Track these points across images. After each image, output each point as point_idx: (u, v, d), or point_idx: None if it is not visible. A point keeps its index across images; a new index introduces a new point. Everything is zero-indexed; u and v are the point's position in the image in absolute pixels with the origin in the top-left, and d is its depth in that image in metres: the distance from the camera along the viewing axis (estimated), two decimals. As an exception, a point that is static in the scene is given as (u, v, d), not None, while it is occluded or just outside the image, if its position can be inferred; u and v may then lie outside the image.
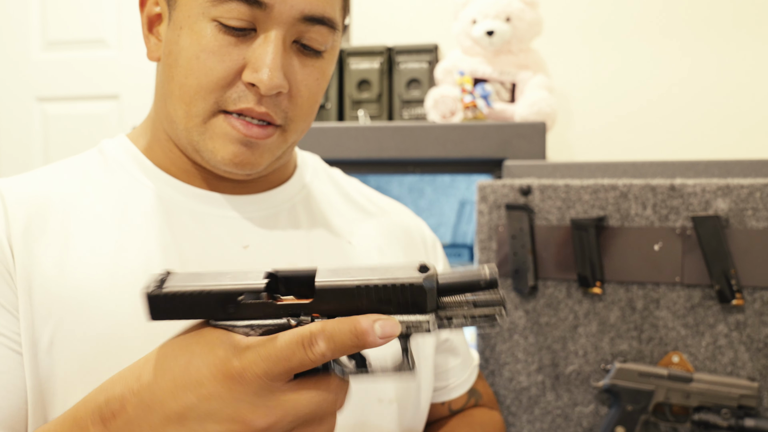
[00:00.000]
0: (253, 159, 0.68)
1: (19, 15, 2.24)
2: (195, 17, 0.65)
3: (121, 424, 0.49)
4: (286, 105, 0.68)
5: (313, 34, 0.67)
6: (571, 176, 1.23)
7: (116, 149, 0.75)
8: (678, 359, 1.12)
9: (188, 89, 0.66)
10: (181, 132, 0.69)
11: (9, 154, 2.27)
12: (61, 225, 0.67)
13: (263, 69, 0.64)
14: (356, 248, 0.78)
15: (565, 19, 1.85)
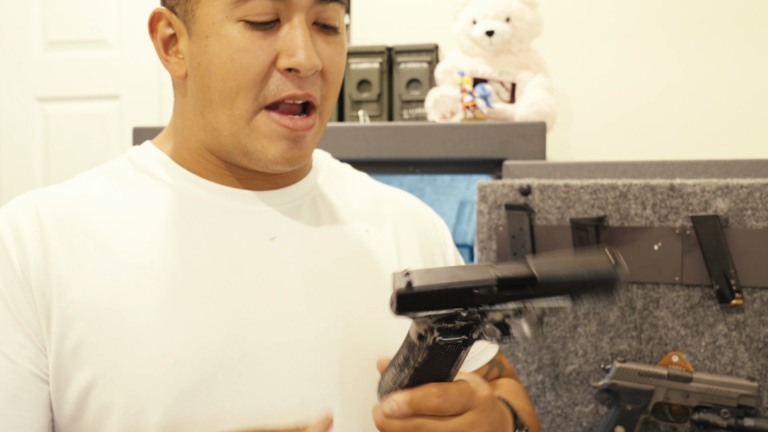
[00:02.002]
0: (300, 153, 0.72)
1: (19, 15, 2.25)
2: (220, 23, 0.68)
3: None
4: (321, 84, 0.72)
5: (329, 13, 0.71)
6: (571, 176, 1.23)
7: (145, 155, 0.78)
8: (677, 359, 1.12)
9: (229, 92, 0.69)
10: (227, 138, 0.72)
11: (9, 154, 2.27)
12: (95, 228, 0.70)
13: (299, 52, 0.68)
14: (373, 236, 0.81)
15: (565, 20, 1.85)
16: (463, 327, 0.62)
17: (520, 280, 0.61)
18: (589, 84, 1.85)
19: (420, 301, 0.61)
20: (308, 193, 0.80)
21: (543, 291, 0.61)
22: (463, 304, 0.61)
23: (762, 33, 1.75)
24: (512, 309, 0.61)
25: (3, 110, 2.27)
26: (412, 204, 0.91)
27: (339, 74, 0.74)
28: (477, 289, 0.61)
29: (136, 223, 0.71)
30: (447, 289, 0.61)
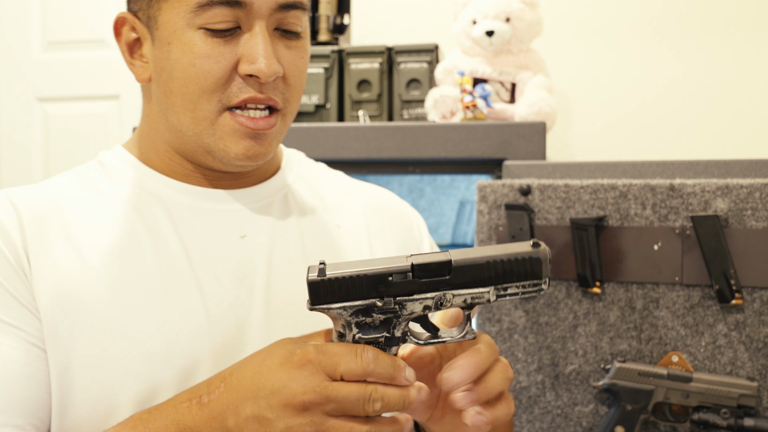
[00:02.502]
0: (262, 150, 0.74)
1: (19, 15, 2.25)
2: (181, 30, 0.71)
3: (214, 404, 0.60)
4: (282, 88, 0.74)
5: (290, 19, 0.73)
6: (571, 176, 1.23)
7: (115, 159, 0.80)
8: (677, 359, 1.13)
9: (191, 96, 0.72)
10: (191, 138, 0.74)
11: (9, 154, 2.27)
12: (71, 228, 0.72)
13: (259, 59, 0.70)
14: (345, 231, 0.83)
15: (565, 20, 1.85)
16: (382, 322, 0.61)
17: (436, 266, 0.60)
18: (588, 84, 1.85)
19: (332, 291, 0.60)
20: (278, 191, 0.82)
21: (460, 278, 0.60)
22: (378, 294, 0.60)
23: (761, 33, 1.75)
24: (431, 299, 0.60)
25: (3, 110, 2.27)
26: (387, 199, 0.92)
27: (301, 78, 0.76)
28: (391, 276, 0.60)
29: (109, 224, 0.73)
30: (359, 276, 0.60)
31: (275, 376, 0.58)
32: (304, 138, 1.46)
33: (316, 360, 0.57)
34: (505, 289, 0.61)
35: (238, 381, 0.60)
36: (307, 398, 0.57)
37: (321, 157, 1.46)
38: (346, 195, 0.88)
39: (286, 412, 0.57)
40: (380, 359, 0.58)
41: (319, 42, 1.78)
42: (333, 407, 0.57)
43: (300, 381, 0.57)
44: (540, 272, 0.61)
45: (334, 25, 1.77)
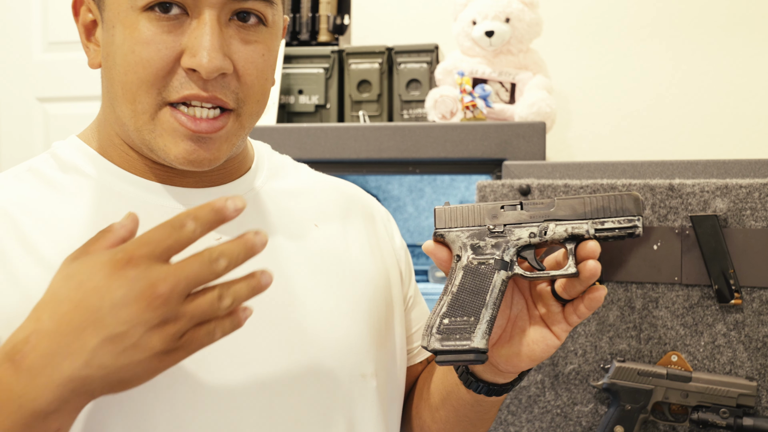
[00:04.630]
0: (208, 155, 0.67)
1: (20, 15, 2.25)
2: (125, 12, 0.64)
3: (35, 360, 0.51)
4: (234, 86, 0.66)
5: (247, 7, 0.66)
6: (571, 176, 1.24)
7: (71, 151, 0.73)
8: (677, 358, 1.13)
9: (130, 86, 0.65)
10: (133, 133, 0.67)
11: (10, 155, 2.27)
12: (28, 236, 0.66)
13: (201, 52, 0.63)
14: (322, 229, 0.79)
15: (565, 20, 1.85)
16: (493, 246, 0.69)
17: (541, 202, 0.69)
18: (588, 84, 1.85)
19: (453, 217, 0.71)
20: (251, 190, 0.77)
21: (562, 210, 0.68)
22: (492, 221, 0.70)
23: (760, 34, 1.75)
24: (536, 226, 0.69)
25: (4, 110, 2.27)
26: (357, 195, 0.88)
27: (260, 75, 0.68)
28: (503, 207, 0.70)
29: (65, 222, 0.67)
30: (476, 206, 0.70)
31: (111, 287, 0.50)
32: (304, 138, 1.46)
33: (145, 252, 0.51)
34: (603, 223, 0.67)
35: (56, 321, 0.51)
36: (160, 289, 0.50)
37: (321, 157, 1.46)
38: (317, 190, 0.83)
39: (142, 315, 0.50)
40: (199, 216, 0.52)
41: (319, 42, 1.78)
42: (184, 286, 0.51)
43: (142, 277, 0.50)
44: (633, 208, 0.66)
45: (334, 26, 1.77)
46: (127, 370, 0.52)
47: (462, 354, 0.67)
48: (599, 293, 0.67)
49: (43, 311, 0.52)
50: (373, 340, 0.76)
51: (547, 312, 0.70)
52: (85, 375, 0.51)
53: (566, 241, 0.68)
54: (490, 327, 0.67)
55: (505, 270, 0.68)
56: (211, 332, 0.54)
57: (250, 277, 0.55)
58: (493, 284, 0.68)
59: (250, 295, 0.54)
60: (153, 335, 0.51)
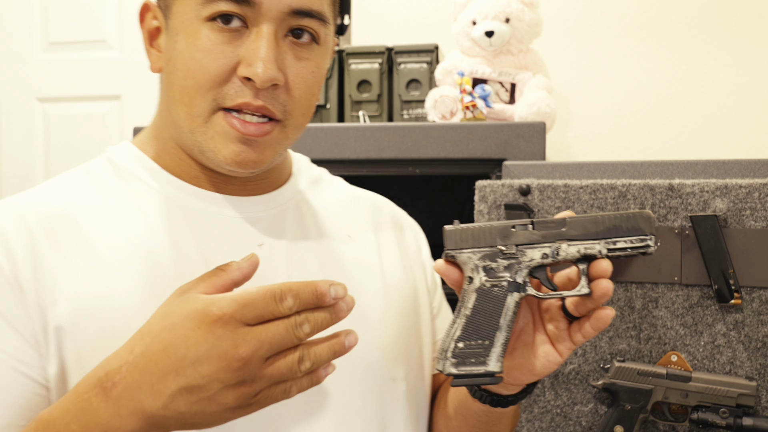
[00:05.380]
0: (254, 157, 0.70)
1: (20, 16, 2.25)
2: (190, 21, 0.68)
3: (122, 390, 0.55)
4: (284, 98, 0.70)
5: (303, 24, 0.70)
6: (570, 176, 1.24)
7: (126, 157, 0.77)
8: (676, 358, 1.13)
9: (188, 90, 0.69)
10: (186, 135, 0.71)
11: (10, 155, 2.27)
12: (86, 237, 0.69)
13: (257, 62, 0.66)
14: (355, 241, 0.83)
15: (565, 20, 1.85)
16: (505, 267, 0.69)
17: (553, 222, 0.69)
18: (588, 84, 1.85)
19: (464, 238, 0.70)
20: (291, 199, 0.81)
21: (574, 230, 0.68)
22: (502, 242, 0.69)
23: (760, 34, 1.75)
24: (548, 247, 0.68)
25: (4, 110, 2.27)
26: (389, 208, 0.92)
27: (308, 90, 0.72)
28: (514, 227, 0.69)
29: (123, 228, 0.71)
30: (487, 226, 0.70)
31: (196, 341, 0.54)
32: (305, 138, 1.46)
33: (237, 313, 0.54)
34: (615, 243, 0.67)
35: (146, 359, 0.55)
36: (241, 352, 0.53)
37: (321, 157, 1.46)
38: (351, 203, 0.87)
39: (221, 374, 0.53)
40: (300, 295, 0.55)
41: (320, 42, 1.78)
42: (266, 350, 0.54)
43: (227, 338, 0.53)
44: (646, 227, 0.67)
45: (335, 26, 1.77)
46: (200, 417, 0.55)
47: (477, 378, 0.68)
48: (605, 313, 0.67)
49: (137, 344, 0.56)
50: (402, 345, 0.80)
51: (553, 328, 0.71)
52: (162, 415, 0.55)
53: (578, 261, 0.68)
54: (504, 349, 0.68)
55: (518, 291, 0.68)
56: (287, 390, 0.57)
57: (334, 338, 0.58)
58: (506, 307, 0.68)
59: (331, 358, 0.58)
60: (228, 393, 0.54)
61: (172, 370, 0.54)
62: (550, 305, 0.71)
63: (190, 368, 0.54)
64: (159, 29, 0.74)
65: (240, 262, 0.59)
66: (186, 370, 0.54)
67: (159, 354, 0.55)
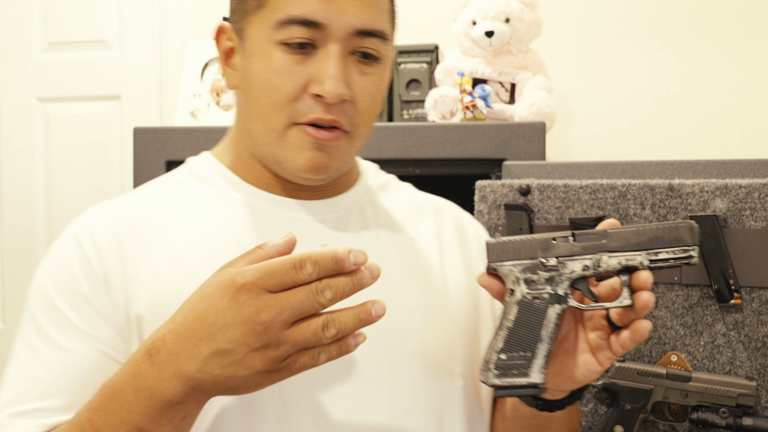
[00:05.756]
0: (326, 161, 0.76)
1: (20, 16, 2.25)
2: (263, 44, 0.75)
3: (164, 356, 0.61)
4: (351, 111, 0.76)
5: (368, 45, 0.76)
6: (570, 176, 1.24)
7: (204, 167, 0.84)
8: (676, 358, 1.13)
9: (264, 108, 0.75)
10: (263, 147, 0.78)
11: (10, 155, 2.27)
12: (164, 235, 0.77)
13: (327, 80, 0.73)
14: (418, 244, 0.86)
15: (565, 20, 1.85)
16: (546, 280, 0.69)
17: (593, 233, 0.69)
18: (588, 84, 1.85)
19: (505, 251, 0.71)
20: (355, 203, 0.86)
21: (615, 242, 0.68)
22: (543, 254, 0.69)
23: (759, 34, 1.75)
24: (589, 259, 0.68)
25: (4, 110, 2.28)
26: (453, 212, 0.95)
27: (373, 104, 0.78)
28: (554, 239, 0.69)
29: (199, 228, 0.78)
30: (528, 239, 0.70)
31: (223, 308, 0.58)
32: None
33: (260, 281, 0.58)
34: (657, 254, 0.67)
35: (184, 327, 0.60)
36: (263, 316, 0.57)
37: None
38: (416, 208, 0.91)
39: (246, 338, 0.57)
40: (320, 262, 0.58)
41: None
42: (288, 315, 0.57)
43: (250, 304, 0.57)
44: (689, 238, 0.66)
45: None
46: (233, 381, 0.59)
47: (520, 389, 0.69)
48: (642, 326, 0.67)
49: (179, 315, 0.62)
50: (461, 343, 0.83)
51: (596, 338, 0.72)
52: (199, 378, 0.59)
53: (620, 272, 0.68)
54: (547, 361, 0.69)
55: (559, 303, 0.69)
56: (315, 357, 0.59)
57: (361, 307, 0.59)
58: (548, 319, 0.69)
59: (357, 327, 0.59)
60: (255, 356, 0.58)
61: (204, 336, 0.59)
62: (593, 314, 0.72)
63: (219, 333, 0.58)
64: (233, 49, 0.80)
65: (276, 241, 0.62)
66: (216, 335, 0.58)
67: (194, 322, 0.60)
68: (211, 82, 1.65)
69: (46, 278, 0.76)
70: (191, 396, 0.61)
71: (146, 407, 0.61)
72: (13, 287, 2.24)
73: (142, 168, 1.51)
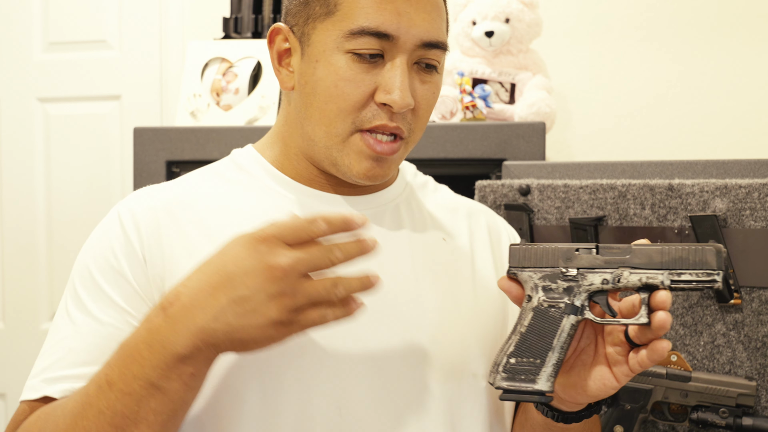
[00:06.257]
0: (382, 172, 0.80)
1: (20, 16, 2.25)
2: (330, 51, 0.76)
3: (178, 309, 0.64)
4: (411, 118, 0.79)
5: (430, 56, 0.78)
6: (570, 176, 1.24)
7: (247, 159, 0.87)
8: (676, 358, 1.13)
9: (328, 113, 0.77)
10: (321, 149, 0.80)
11: (11, 155, 2.27)
12: (202, 218, 0.80)
13: (395, 91, 0.75)
14: (449, 245, 0.87)
15: (565, 21, 1.85)
16: (565, 289, 0.69)
17: (618, 248, 0.68)
18: (588, 85, 1.85)
19: (527, 257, 0.71)
20: (391, 201, 0.87)
21: (638, 258, 0.67)
22: (565, 264, 0.69)
23: (759, 34, 1.75)
24: (609, 273, 0.68)
25: (4, 111, 2.27)
26: (488, 216, 0.96)
27: (429, 110, 0.81)
28: (577, 250, 0.69)
29: (237, 215, 0.80)
30: (551, 247, 0.70)
31: (244, 257, 0.62)
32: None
33: (278, 234, 0.62)
34: (680, 275, 0.65)
35: (200, 280, 0.64)
36: (281, 262, 0.61)
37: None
38: (451, 209, 0.92)
39: (264, 284, 0.61)
40: (331, 221, 0.63)
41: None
42: (304, 266, 0.62)
43: (270, 251, 0.61)
44: (714, 262, 0.64)
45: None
46: (246, 331, 0.62)
47: (526, 395, 0.69)
48: (661, 346, 0.67)
49: (195, 273, 0.65)
50: (488, 345, 0.84)
51: (613, 353, 0.72)
52: (213, 328, 0.62)
53: (640, 290, 0.67)
54: (556, 370, 0.69)
55: (575, 315, 0.69)
56: (323, 314, 0.63)
57: (363, 276, 0.65)
58: (561, 328, 0.69)
59: (360, 290, 0.65)
60: (271, 304, 0.61)
61: (222, 284, 0.62)
62: (613, 329, 0.72)
63: (237, 280, 0.61)
64: (289, 50, 0.82)
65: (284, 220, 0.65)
66: (234, 283, 0.61)
67: (212, 274, 0.63)
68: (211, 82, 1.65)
69: (88, 255, 0.80)
70: (201, 350, 0.63)
71: (157, 361, 0.63)
72: (13, 287, 2.24)
73: (142, 168, 1.51)
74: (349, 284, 0.64)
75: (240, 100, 1.62)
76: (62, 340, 0.76)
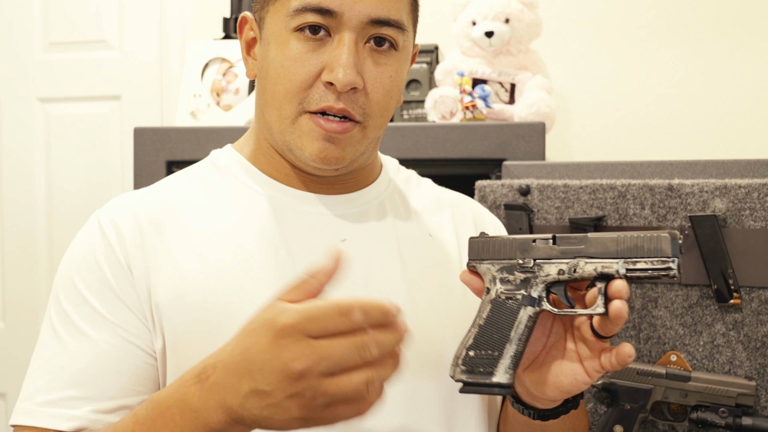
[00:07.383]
0: (336, 153, 0.76)
1: (21, 16, 2.25)
2: (279, 32, 0.76)
3: (212, 384, 0.61)
4: (363, 101, 0.76)
5: (382, 33, 0.75)
6: (570, 176, 1.24)
7: (226, 159, 0.85)
8: (676, 358, 1.13)
9: (278, 95, 0.76)
10: (277, 135, 0.78)
11: (11, 155, 2.27)
12: (185, 227, 0.78)
13: (338, 68, 0.73)
14: (436, 240, 0.87)
15: (564, 21, 1.85)
16: (522, 281, 0.69)
17: (574, 237, 0.68)
18: (588, 85, 1.85)
19: (486, 249, 0.71)
20: (375, 199, 0.86)
21: (593, 248, 0.67)
22: (522, 256, 0.69)
23: (760, 34, 1.75)
24: (565, 263, 0.67)
25: (4, 111, 2.28)
26: (472, 206, 0.95)
27: (386, 94, 0.77)
28: (534, 241, 0.69)
29: (219, 222, 0.79)
30: (508, 239, 0.71)
31: (263, 349, 0.57)
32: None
33: (300, 325, 0.56)
34: (635, 263, 0.65)
35: (231, 359, 0.60)
36: (298, 365, 0.55)
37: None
38: (435, 203, 0.92)
39: (282, 382, 0.56)
40: (370, 312, 0.57)
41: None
42: (327, 365, 0.55)
43: (288, 349, 0.56)
44: (668, 250, 0.64)
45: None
46: (270, 423, 0.58)
47: (485, 387, 0.68)
48: (624, 351, 0.67)
49: (231, 344, 0.61)
50: None
51: (584, 347, 0.71)
52: (240, 413, 0.59)
53: (597, 280, 0.67)
54: (515, 362, 0.68)
55: (532, 306, 0.68)
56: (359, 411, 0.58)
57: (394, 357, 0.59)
58: (519, 320, 0.68)
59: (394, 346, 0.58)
60: (291, 403, 0.56)
61: (245, 373, 0.58)
62: (581, 323, 0.71)
63: (257, 373, 0.57)
64: (255, 40, 0.81)
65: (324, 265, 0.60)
66: (255, 374, 0.57)
67: (239, 357, 0.59)
68: (211, 82, 1.65)
69: (71, 265, 0.78)
70: (233, 426, 0.60)
71: (189, 429, 0.61)
72: (14, 287, 2.24)
73: (143, 168, 1.51)
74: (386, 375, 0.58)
75: (240, 100, 1.63)
76: (52, 359, 0.74)
